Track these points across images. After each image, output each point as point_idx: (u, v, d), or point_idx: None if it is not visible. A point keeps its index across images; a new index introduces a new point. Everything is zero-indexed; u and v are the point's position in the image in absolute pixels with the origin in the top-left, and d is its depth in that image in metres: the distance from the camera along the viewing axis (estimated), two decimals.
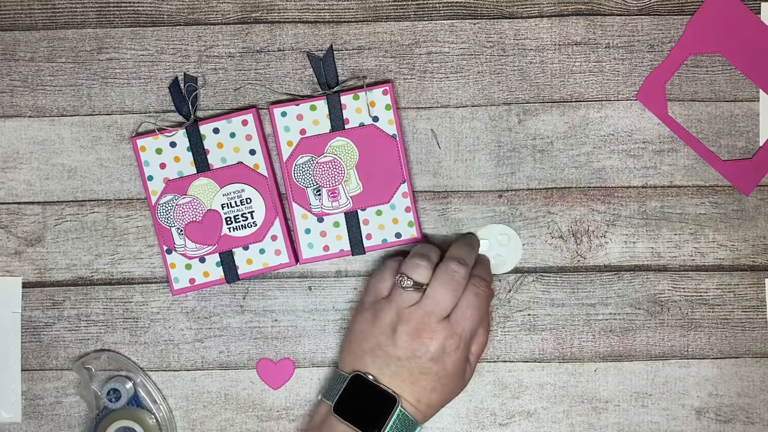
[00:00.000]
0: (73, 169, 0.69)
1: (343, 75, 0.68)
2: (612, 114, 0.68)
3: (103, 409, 0.68)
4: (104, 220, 0.69)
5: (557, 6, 0.68)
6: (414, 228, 0.68)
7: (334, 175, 0.67)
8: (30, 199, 0.69)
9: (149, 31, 0.69)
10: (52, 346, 0.69)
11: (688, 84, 0.68)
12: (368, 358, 0.61)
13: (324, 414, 0.62)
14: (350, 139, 0.67)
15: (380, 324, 0.61)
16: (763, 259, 0.68)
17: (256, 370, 0.69)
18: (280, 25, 0.68)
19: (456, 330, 0.61)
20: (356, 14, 0.68)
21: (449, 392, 0.63)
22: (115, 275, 0.69)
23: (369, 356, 0.61)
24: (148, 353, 0.69)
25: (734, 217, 0.68)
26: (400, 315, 0.61)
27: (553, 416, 0.68)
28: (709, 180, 0.68)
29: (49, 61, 0.69)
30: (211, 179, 0.67)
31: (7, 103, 0.69)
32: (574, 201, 0.68)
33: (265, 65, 0.68)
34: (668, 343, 0.68)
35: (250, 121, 0.67)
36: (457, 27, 0.68)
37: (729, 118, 0.68)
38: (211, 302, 0.69)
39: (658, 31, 0.68)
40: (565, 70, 0.68)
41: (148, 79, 0.69)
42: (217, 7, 0.69)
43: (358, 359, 0.62)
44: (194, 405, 0.69)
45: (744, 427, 0.68)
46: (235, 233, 0.67)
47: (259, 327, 0.69)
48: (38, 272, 0.69)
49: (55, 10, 0.69)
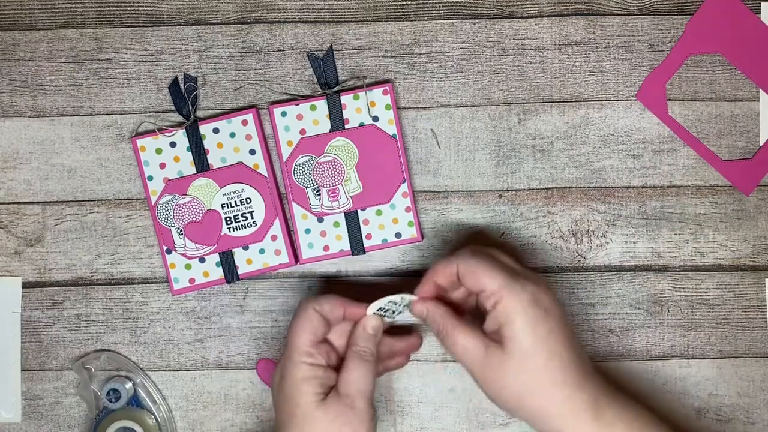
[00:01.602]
0: (73, 169, 0.69)
1: (343, 75, 0.68)
2: (612, 114, 0.68)
3: (102, 410, 0.68)
4: (104, 220, 0.69)
5: (557, 6, 0.68)
6: (414, 228, 0.68)
7: (334, 175, 0.67)
8: (30, 199, 0.69)
9: (149, 31, 0.69)
10: (52, 346, 0.69)
11: (688, 84, 0.68)
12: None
13: None
14: (350, 139, 0.67)
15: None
16: (763, 259, 0.68)
17: (256, 370, 0.69)
18: (280, 25, 0.68)
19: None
20: (356, 14, 0.68)
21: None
22: (115, 275, 0.69)
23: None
24: (148, 353, 0.69)
25: (734, 217, 0.68)
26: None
27: None
28: (709, 180, 0.68)
29: (49, 61, 0.69)
30: (211, 179, 0.67)
31: (7, 103, 0.69)
32: (575, 201, 0.68)
33: (265, 65, 0.68)
34: (668, 343, 0.68)
35: (250, 121, 0.67)
36: (457, 27, 0.68)
37: (729, 118, 0.68)
38: (211, 302, 0.69)
39: (658, 31, 0.68)
40: (565, 70, 0.68)
41: (148, 79, 0.69)
42: (217, 7, 0.69)
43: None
44: (194, 405, 0.69)
45: (744, 427, 0.68)
46: (235, 233, 0.67)
47: (259, 327, 0.69)
48: (38, 272, 0.69)
49: (55, 10, 0.69)
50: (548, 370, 0.55)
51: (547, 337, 0.55)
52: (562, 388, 0.55)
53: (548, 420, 0.56)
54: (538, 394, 0.55)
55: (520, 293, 0.56)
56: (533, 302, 0.56)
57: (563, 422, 0.55)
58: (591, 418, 0.55)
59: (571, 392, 0.55)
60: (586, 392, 0.56)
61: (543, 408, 0.56)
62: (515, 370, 0.55)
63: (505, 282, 0.56)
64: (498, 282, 0.56)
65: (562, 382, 0.55)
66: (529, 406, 0.56)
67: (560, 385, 0.55)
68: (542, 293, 0.56)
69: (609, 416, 0.56)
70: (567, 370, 0.56)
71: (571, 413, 0.55)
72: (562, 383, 0.55)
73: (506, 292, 0.56)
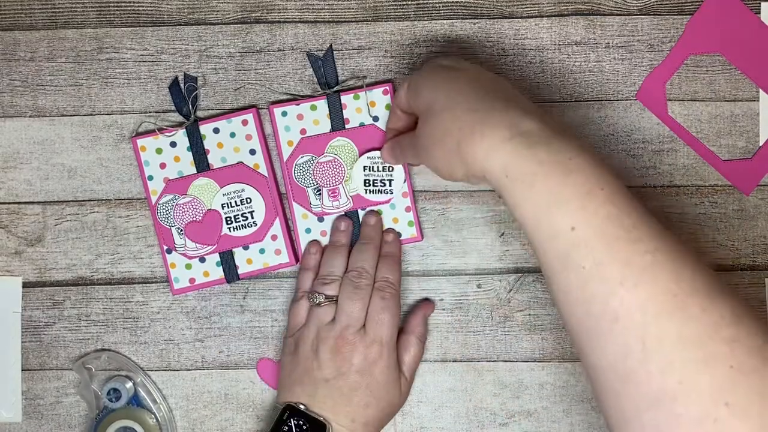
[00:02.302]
0: (73, 169, 0.69)
1: (343, 75, 0.68)
2: (611, 114, 0.68)
3: (103, 409, 0.68)
4: (104, 219, 0.69)
5: (557, 6, 0.68)
6: (414, 228, 0.68)
7: (334, 175, 0.67)
8: (30, 199, 0.69)
9: (149, 31, 0.69)
10: (52, 346, 0.69)
11: (687, 84, 0.68)
12: (298, 387, 0.62)
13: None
14: (350, 139, 0.67)
15: (302, 350, 0.62)
16: (763, 258, 0.68)
17: (256, 370, 0.69)
18: (280, 25, 0.68)
19: (374, 338, 0.61)
20: (356, 14, 0.68)
21: (385, 405, 0.62)
22: (116, 275, 0.69)
23: (298, 385, 0.62)
24: (148, 353, 0.69)
25: (734, 217, 0.68)
26: (318, 336, 0.62)
27: (553, 416, 0.68)
28: (709, 180, 0.68)
29: (49, 60, 0.69)
30: (211, 179, 0.67)
31: (7, 103, 0.69)
32: None
33: (265, 65, 0.68)
34: None
35: (250, 120, 0.67)
36: (457, 27, 0.68)
37: (729, 118, 0.68)
38: (211, 302, 0.69)
39: (658, 31, 0.68)
40: (565, 70, 0.68)
41: (148, 78, 0.69)
42: (217, 7, 0.69)
43: (289, 390, 0.62)
44: (194, 405, 0.69)
45: None
46: (235, 233, 0.67)
47: (259, 327, 0.69)
48: (38, 272, 0.69)
49: (55, 10, 0.69)
50: (451, 108, 0.53)
51: (450, 83, 0.55)
52: (473, 111, 0.51)
53: (468, 149, 0.51)
54: (450, 135, 0.52)
55: (425, 66, 0.59)
56: (435, 66, 0.57)
57: (483, 143, 0.50)
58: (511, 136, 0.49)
59: (487, 112, 0.51)
60: (507, 112, 0.51)
61: (461, 141, 0.51)
62: (427, 128, 0.55)
63: (419, 72, 0.59)
64: (406, 84, 0.60)
65: (470, 107, 0.52)
66: (448, 153, 0.52)
67: (469, 110, 0.52)
68: (451, 60, 0.58)
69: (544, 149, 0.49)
70: (476, 99, 0.52)
71: (490, 131, 0.50)
72: (470, 108, 0.52)
73: (417, 76, 0.58)
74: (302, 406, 0.61)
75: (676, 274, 0.45)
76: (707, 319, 0.44)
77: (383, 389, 0.61)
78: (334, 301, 0.63)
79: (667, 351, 0.44)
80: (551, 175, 0.48)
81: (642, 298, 0.45)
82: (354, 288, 0.62)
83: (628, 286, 0.45)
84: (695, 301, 0.45)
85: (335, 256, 0.65)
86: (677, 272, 0.45)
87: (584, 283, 0.46)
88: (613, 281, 0.46)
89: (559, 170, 0.48)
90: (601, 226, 0.46)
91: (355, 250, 0.65)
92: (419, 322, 0.66)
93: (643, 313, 0.45)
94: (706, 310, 0.44)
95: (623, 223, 0.46)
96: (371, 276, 0.64)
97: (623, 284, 0.45)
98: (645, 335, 0.44)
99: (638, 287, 0.45)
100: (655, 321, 0.44)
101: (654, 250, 0.46)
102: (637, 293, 0.45)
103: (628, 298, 0.45)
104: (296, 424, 0.60)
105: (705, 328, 0.44)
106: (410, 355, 0.65)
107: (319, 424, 0.60)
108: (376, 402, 0.61)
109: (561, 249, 0.47)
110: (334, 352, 0.61)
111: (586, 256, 0.46)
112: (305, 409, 0.60)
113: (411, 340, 0.65)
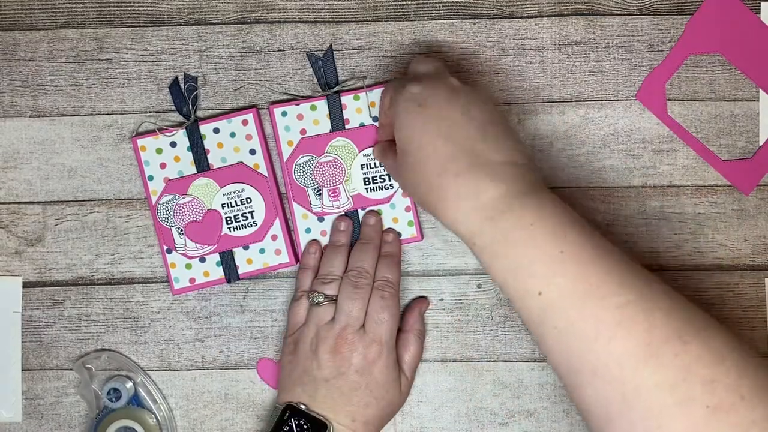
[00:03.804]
0: (73, 169, 0.69)
1: (343, 75, 0.68)
2: (611, 114, 0.68)
3: (103, 409, 0.68)
4: (104, 219, 0.69)
5: (557, 6, 0.68)
6: (414, 227, 0.68)
7: (334, 175, 0.67)
8: (30, 199, 0.69)
9: (149, 31, 0.69)
10: (52, 346, 0.69)
11: (687, 84, 0.68)
12: (298, 387, 0.62)
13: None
14: (350, 139, 0.67)
15: (302, 349, 0.62)
16: (763, 258, 0.68)
17: (256, 370, 0.69)
18: (280, 25, 0.69)
19: (373, 337, 0.61)
20: (356, 14, 0.68)
21: (386, 405, 0.62)
22: (116, 275, 0.69)
23: (298, 385, 0.62)
24: (148, 353, 0.69)
25: (734, 217, 0.68)
26: (318, 335, 0.62)
27: (553, 416, 0.68)
28: (709, 180, 0.68)
29: (49, 61, 0.69)
30: (212, 179, 0.67)
31: (7, 103, 0.69)
32: (574, 201, 0.68)
33: (265, 65, 0.68)
34: None
35: (250, 120, 0.67)
36: (457, 27, 0.68)
37: (729, 118, 0.68)
38: (212, 302, 0.69)
39: (658, 31, 0.68)
40: (565, 70, 0.68)
41: (148, 79, 0.69)
42: (217, 7, 0.69)
43: (289, 390, 0.62)
44: (194, 404, 0.69)
45: None
46: (235, 233, 0.67)
47: (260, 327, 0.69)
48: (38, 272, 0.69)
49: (55, 10, 0.69)
50: (422, 162, 0.54)
51: (422, 129, 0.55)
52: (440, 176, 0.53)
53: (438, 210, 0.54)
54: (422, 187, 0.55)
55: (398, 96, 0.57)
56: (408, 100, 0.56)
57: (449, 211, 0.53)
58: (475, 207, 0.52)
59: (453, 179, 0.53)
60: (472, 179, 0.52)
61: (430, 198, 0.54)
62: (402, 168, 0.57)
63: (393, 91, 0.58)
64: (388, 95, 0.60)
65: (438, 171, 0.53)
66: (422, 201, 0.56)
67: (437, 174, 0.53)
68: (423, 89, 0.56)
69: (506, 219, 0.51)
70: (445, 158, 0.53)
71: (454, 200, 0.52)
72: (438, 172, 0.53)
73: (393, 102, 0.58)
74: (303, 406, 0.61)
75: (648, 323, 0.47)
76: (680, 363, 0.46)
77: (383, 388, 0.62)
78: (334, 301, 0.63)
79: (644, 399, 0.46)
80: (515, 244, 0.50)
81: (618, 352, 0.47)
82: (353, 288, 0.62)
83: (602, 342, 0.47)
84: (668, 348, 0.46)
85: (335, 255, 0.65)
86: (649, 321, 0.47)
87: (560, 341, 0.49)
88: (587, 338, 0.47)
89: (522, 239, 0.50)
90: (568, 287, 0.48)
91: (354, 249, 0.66)
92: (416, 319, 0.66)
93: (620, 366, 0.47)
94: (679, 354, 0.46)
95: (590, 281, 0.48)
96: (371, 276, 0.64)
97: (597, 340, 0.47)
98: (624, 387, 0.46)
99: (612, 342, 0.47)
100: (632, 373, 0.46)
101: (624, 303, 0.47)
102: (611, 348, 0.47)
103: (603, 354, 0.47)
104: (297, 424, 0.60)
105: (679, 372, 0.46)
106: (410, 353, 0.65)
107: (319, 423, 0.60)
108: (377, 401, 0.61)
109: (534, 309, 0.50)
110: (333, 352, 0.61)
111: (559, 317, 0.49)
112: (306, 408, 0.61)
113: (409, 338, 0.65)
